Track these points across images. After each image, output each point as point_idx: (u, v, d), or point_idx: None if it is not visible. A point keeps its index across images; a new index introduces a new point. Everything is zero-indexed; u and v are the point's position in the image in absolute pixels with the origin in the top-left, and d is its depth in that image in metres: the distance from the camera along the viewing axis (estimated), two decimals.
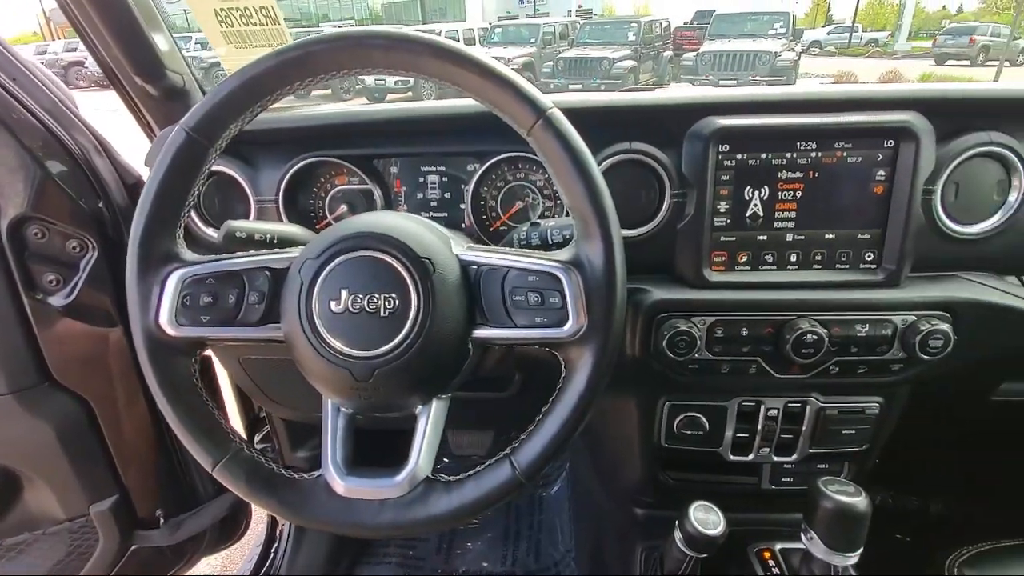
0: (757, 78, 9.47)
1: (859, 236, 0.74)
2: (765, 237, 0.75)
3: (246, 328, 0.56)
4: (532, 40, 12.72)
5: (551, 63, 11.40)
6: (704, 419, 0.84)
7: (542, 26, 13.32)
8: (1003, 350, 0.78)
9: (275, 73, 0.54)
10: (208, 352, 0.93)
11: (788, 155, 0.72)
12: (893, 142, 0.71)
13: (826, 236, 0.75)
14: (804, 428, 0.84)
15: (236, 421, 1.38)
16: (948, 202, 0.74)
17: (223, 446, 0.56)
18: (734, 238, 0.76)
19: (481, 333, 0.56)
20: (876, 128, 0.70)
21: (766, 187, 0.74)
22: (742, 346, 0.76)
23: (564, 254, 0.55)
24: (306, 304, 0.53)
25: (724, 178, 0.73)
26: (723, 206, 0.74)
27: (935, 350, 0.72)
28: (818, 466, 0.90)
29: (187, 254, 0.58)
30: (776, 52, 9.71)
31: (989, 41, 14.85)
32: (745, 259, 0.76)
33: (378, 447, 0.84)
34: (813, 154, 0.72)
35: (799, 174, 0.73)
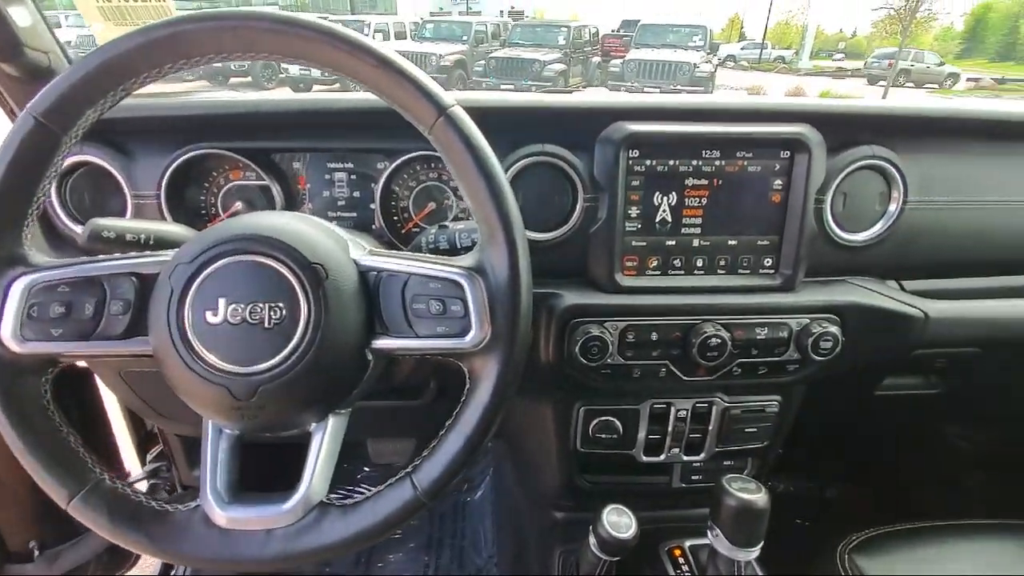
0: (678, 87, 9.95)
1: (759, 243, 0.78)
2: (674, 243, 0.77)
3: (108, 342, 0.50)
4: (464, 38, 12.64)
5: (483, 62, 11.39)
6: (618, 422, 0.85)
7: (474, 24, 13.26)
8: (884, 350, 0.84)
9: (141, 54, 0.47)
10: (80, 365, 0.83)
11: (694, 162, 0.74)
12: (789, 153, 0.74)
13: (729, 242, 0.78)
14: (711, 427, 0.87)
15: (125, 439, 1.25)
16: (837, 211, 0.79)
17: (80, 477, 0.50)
18: (644, 243, 0.77)
19: (380, 344, 0.52)
20: (773, 139, 0.73)
21: (674, 193, 0.75)
22: (652, 350, 0.77)
23: (467, 260, 0.53)
24: (177, 315, 0.47)
25: (634, 183, 0.74)
26: (634, 211, 0.75)
27: (826, 351, 0.76)
28: (724, 463, 0.94)
29: (36, 257, 0.50)
30: (695, 63, 10.26)
31: (910, 65, 16.51)
32: (655, 264, 0.78)
33: (275, 465, 0.78)
34: (717, 162, 0.74)
35: (704, 181, 0.75)
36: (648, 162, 0.74)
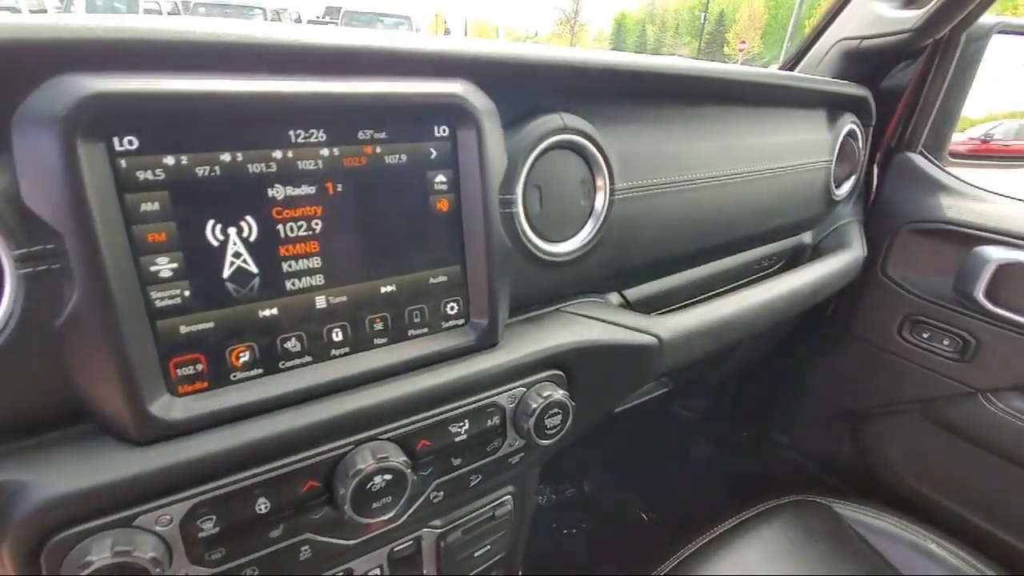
0: None
1: (431, 281, 0.47)
2: (276, 311, 0.40)
3: None
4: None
5: None
6: None
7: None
8: (620, 392, 0.64)
9: None
10: None
11: (279, 154, 0.38)
12: (447, 129, 0.44)
13: (383, 289, 0.44)
14: (426, 571, 0.55)
15: None
16: (533, 214, 0.53)
17: None
18: (211, 324, 0.38)
19: None
20: (412, 103, 0.41)
21: (250, 220, 0.38)
22: (268, 530, 0.40)
23: None
24: None
25: (149, 207, 0.34)
26: (165, 266, 0.35)
27: (554, 430, 0.50)
28: None
29: None
30: None
31: None
32: (248, 358, 0.40)
33: None
34: (325, 152, 0.40)
35: (309, 189, 0.40)
36: (173, 160, 0.34)
